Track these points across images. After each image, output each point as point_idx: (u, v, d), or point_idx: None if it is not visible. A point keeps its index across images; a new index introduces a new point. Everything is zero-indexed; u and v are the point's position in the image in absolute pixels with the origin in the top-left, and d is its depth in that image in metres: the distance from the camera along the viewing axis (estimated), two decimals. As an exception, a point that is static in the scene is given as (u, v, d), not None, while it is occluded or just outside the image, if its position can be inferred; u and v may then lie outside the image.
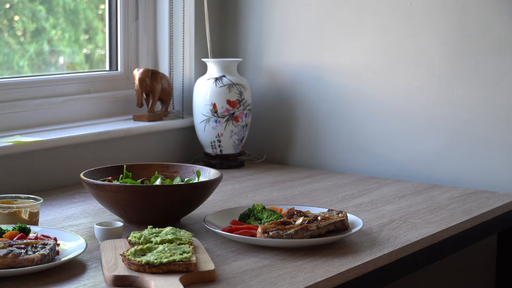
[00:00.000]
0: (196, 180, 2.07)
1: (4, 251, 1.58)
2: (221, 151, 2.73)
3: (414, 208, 2.22)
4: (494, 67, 2.48)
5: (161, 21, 2.82)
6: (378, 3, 2.66)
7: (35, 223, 1.91)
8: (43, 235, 1.73)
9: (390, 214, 2.15)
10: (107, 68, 2.77)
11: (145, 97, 2.70)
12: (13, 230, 1.73)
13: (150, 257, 1.58)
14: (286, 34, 2.83)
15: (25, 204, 1.91)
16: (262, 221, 1.92)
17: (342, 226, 1.88)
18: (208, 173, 2.09)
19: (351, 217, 1.97)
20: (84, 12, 2.75)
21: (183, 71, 2.82)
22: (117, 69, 2.77)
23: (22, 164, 2.32)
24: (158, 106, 2.79)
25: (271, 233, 1.80)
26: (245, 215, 1.96)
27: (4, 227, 1.75)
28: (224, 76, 2.70)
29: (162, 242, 1.68)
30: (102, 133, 2.51)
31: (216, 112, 2.69)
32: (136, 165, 2.14)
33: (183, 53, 2.81)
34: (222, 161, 2.74)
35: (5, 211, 1.87)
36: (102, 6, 2.78)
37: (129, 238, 1.72)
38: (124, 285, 1.56)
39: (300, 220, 1.84)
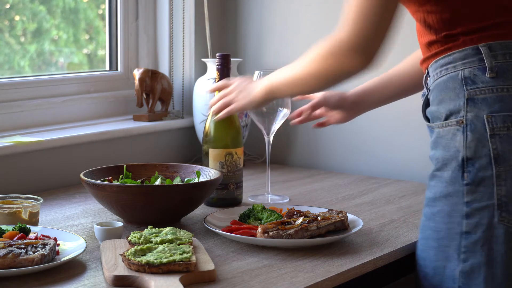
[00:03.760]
0: (196, 180, 2.07)
1: (4, 251, 1.58)
2: (221, 151, 2.72)
3: (414, 208, 2.22)
4: (494, 67, 2.47)
5: (161, 21, 2.82)
6: (378, 3, 2.65)
7: (35, 223, 1.91)
8: (43, 235, 1.73)
9: (390, 214, 2.15)
10: (107, 68, 2.77)
11: (145, 97, 2.70)
12: (13, 230, 1.73)
13: (150, 257, 1.58)
14: (286, 34, 2.82)
15: (25, 204, 1.90)
16: (262, 221, 1.92)
17: (342, 226, 1.88)
18: (208, 173, 2.08)
19: (351, 217, 1.97)
20: (85, 12, 2.75)
21: (183, 71, 2.82)
22: (117, 69, 2.77)
23: (22, 164, 2.32)
24: (158, 106, 2.79)
25: (271, 233, 1.79)
26: (245, 215, 1.96)
27: (4, 227, 1.75)
28: (224, 76, 2.70)
29: (162, 242, 1.68)
30: (102, 133, 2.51)
31: (216, 112, 2.68)
32: (136, 165, 2.14)
33: (183, 53, 2.81)
34: (222, 161, 2.73)
35: (5, 211, 1.87)
36: (102, 6, 2.78)
37: (129, 238, 1.72)
38: (124, 285, 1.56)
39: (300, 220, 1.84)
